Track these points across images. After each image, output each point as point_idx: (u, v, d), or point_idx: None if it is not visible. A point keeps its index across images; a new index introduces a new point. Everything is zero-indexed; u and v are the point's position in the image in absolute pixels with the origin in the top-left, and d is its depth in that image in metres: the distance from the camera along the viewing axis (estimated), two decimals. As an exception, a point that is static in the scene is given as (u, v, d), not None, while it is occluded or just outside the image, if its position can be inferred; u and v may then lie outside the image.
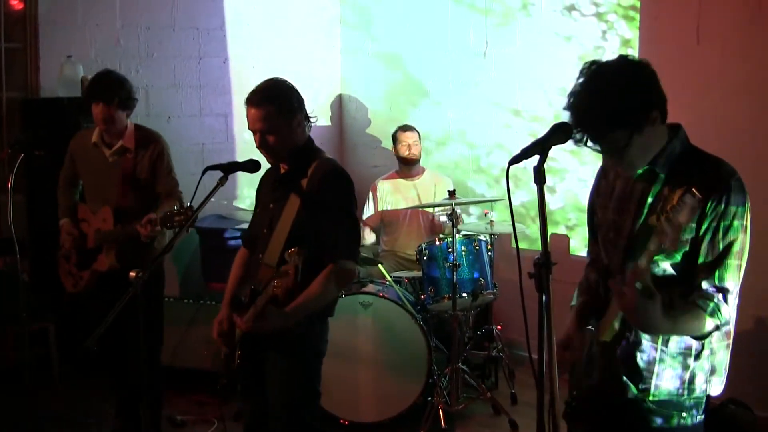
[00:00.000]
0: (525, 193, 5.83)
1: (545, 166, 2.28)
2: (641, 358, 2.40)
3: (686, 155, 2.39)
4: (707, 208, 2.26)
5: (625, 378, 2.42)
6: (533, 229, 5.77)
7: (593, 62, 2.33)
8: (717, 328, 2.30)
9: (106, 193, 4.21)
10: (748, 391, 4.20)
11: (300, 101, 3.27)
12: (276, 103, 3.18)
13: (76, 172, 4.40)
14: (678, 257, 2.31)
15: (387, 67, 6.56)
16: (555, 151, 5.72)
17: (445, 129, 6.25)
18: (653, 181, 2.39)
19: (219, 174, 3.20)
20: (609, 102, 2.24)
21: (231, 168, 3.25)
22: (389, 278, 5.14)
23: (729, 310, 2.30)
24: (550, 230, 5.65)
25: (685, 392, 2.40)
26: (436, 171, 6.11)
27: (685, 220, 2.05)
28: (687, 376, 2.40)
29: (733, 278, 2.30)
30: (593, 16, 5.48)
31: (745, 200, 2.30)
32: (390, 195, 5.96)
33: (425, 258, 5.05)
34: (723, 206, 2.27)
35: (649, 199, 2.38)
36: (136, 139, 4.22)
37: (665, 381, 2.40)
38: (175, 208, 3.68)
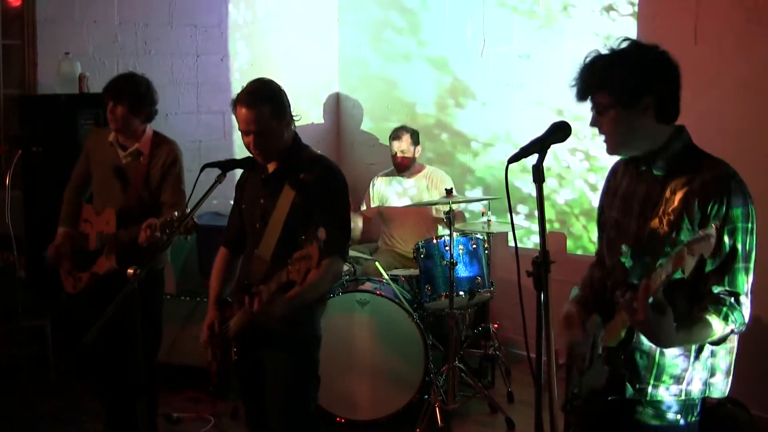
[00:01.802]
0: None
1: (544, 164, 2.29)
2: (641, 358, 2.40)
3: (686, 156, 2.38)
4: (709, 212, 2.25)
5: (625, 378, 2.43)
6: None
7: (626, 38, 2.41)
8: (732, 331, 2.29)
9: (113, 194, 4.14)
10: (745, 391, 4.19)
11: (288, 101, 3.29)
12: (269, 104, 3.19)
13: (90, 170, 4.31)
14: None
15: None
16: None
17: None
18: (655, 183, 2.39)
19: (216, 171, 3.20)
20: (612, 65, 2.34)
21: (229, 165, 3.26)
22: (386, 276, 5.14)
23: (743, 313, 2.28)
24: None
25: (683, 393, 2.40)
26: (436, 168, 6.11)
27: (707, 254, 2.02)
28: (686, 377, 2.39)
29: (743, 281, 2.28)
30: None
31: (747, 201, 2.28)
32: (387, 191, 5.96)
33: (422, 256, 5.05)
34: (725, 210, 2.25)
35: (651, 201, 2.38)
36: (152, 143, 4.15)
37: (663, 382, 2.39)
38: (176, 214, 3.65)
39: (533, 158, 2.34)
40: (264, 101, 3.18)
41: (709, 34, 4.74)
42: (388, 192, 5.95)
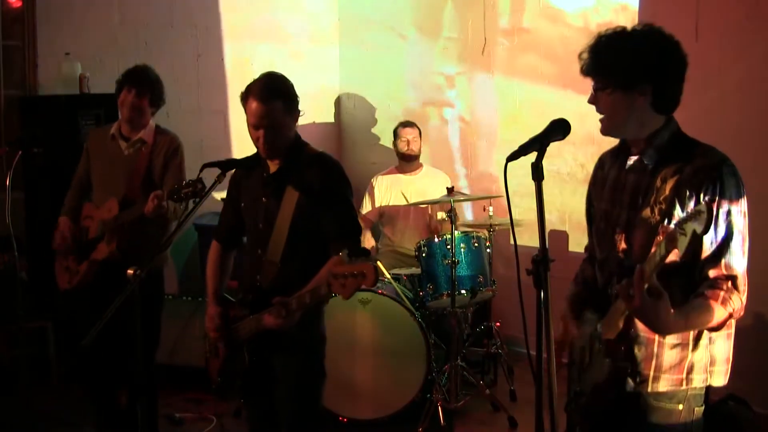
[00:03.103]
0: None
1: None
2: (639, 350, 2.39)
3: (675, 143, 2.39)
4: (702, 198, 2.25)
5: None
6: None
7: (647, 24, 2.41)
8: (731, 316, 2.28)
9: (115, 185, 4.13)
10: (747, 388, 4.19)
11: (297, 97, 3.28)
12: (283, 99, 3.17)
13: (89, 169, 4.30)
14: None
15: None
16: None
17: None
18: (644, 173, 2.39)
19: (215, 170, 3.19)
20: (617, 46, 2.35)
21: (229, 165, 3.25)
22: (388, 275, 5.14)
23: (740, 297, 2.27)
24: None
25: (684, 383, 2.39)
26: (435, 167, 6.11)
27: (700, 230, 2.02)
28: (685, 366, 2.38)
29: (739, 264, 2.28)
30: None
31: (738, 185, 2.28)
32: (388, 190, 5.96)
33: (424, 255, 5.05)
34: (717, 195, 2.25)
35: (642, 191, 2.38)
36: (155, 134, 4.19)
37: (663, 372, 2.38)
38: (184, 182, 3.63)
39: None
40: (278, 96, 3.16)
41: (710, 32, 4.73)
42: (393, 191, 5.94)
